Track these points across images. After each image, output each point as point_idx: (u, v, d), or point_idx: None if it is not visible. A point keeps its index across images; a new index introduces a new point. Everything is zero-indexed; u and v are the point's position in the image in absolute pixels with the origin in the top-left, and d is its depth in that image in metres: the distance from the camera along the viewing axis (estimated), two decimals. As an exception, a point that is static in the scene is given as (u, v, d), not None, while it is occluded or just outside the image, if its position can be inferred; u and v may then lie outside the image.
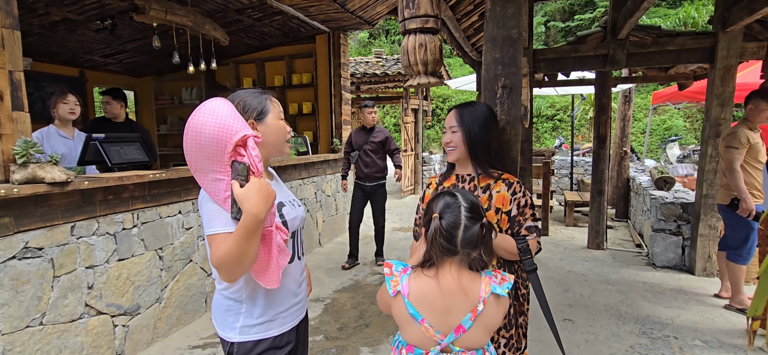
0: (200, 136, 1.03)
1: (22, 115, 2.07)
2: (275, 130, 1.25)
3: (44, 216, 2.16)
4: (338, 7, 4.68)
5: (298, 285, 1.34)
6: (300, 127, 6.29)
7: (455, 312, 1.11)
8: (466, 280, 1.11)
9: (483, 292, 1.10)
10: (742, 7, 3.47)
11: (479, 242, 1.10)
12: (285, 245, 1.19)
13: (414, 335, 1.13)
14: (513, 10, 1.62)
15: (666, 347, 2.76)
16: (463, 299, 1.10)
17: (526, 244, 1.38)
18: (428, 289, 1.11)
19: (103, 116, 3.69)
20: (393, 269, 1.17)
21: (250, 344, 1.23)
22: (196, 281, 3.22)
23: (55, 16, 4.24)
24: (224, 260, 1.05)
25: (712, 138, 3.94)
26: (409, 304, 1.11)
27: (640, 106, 15.02)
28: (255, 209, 1.02)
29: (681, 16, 13.02)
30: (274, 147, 1.27)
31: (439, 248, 1.09)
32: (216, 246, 1.08)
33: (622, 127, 7.10)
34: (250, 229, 1.03)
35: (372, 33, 22.39)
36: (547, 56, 4.47)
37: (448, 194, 1.15)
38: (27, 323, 2.10)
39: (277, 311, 1.27)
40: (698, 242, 4.03)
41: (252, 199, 1.02)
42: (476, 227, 1.09)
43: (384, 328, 3.09)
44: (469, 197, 1.15)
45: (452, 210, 1.10)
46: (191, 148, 1.05)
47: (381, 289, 1.21)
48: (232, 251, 1.04)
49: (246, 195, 1.02)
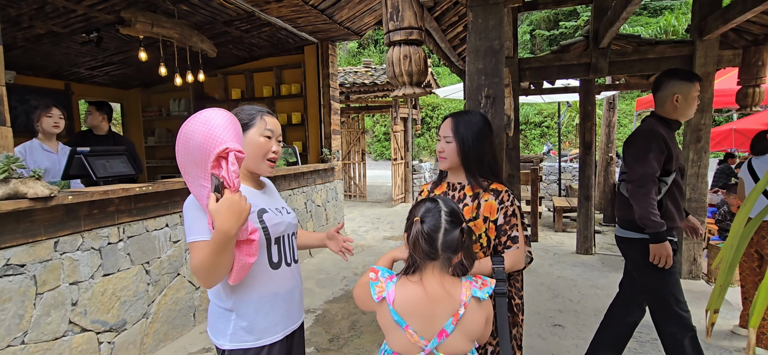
0: (189, 141, 1.06)
1: (4, 129, 2.04)
2: (252, 145, 1.29)
3: (27, 232, 2.12)
4: (326, 18, 4.72)
5: (289, 292, 1.34)
6: (289, 138, 6.29)
7: (439, 317, 1.13)
8: (448, 285, 1.14)
9: (464, 296, 1.13)
10: (717, 17, 3.59)
11: (459, 246, 1.13)
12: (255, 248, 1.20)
13: (398, 341, 1.15)
14: (495, 22, 1.65)
15: (654, 350, 2.80)
16: (446, 304, 1.12)
17: (501, 266, 1.39)
18: (413, 295, 1.13)
19: (87, 130, 3.65)
20: (379, 275, 1.19)
21: (240, 351, 1.25)
22: (185, 294, 3.18)
23: (40, 29, 4.20)
24: (198, 268, 1.10)
25: (694, 143, 4.04)
26: (394, 311, 1.13)
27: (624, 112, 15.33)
28: (225, 226, 1.05)
29: (662, 25, 13.38)
30: (253, 161, 1.30)
31: (421, 251, 1.12)
32: (194, 254, 1.12)
33: (607, 133, 7.23)
34: (219, 244, 1.06)
35: (361, 43, 22.55)
36: (532, 65, 4.56)
37: (429, 200, 1.20)
38: (8, 343, 2.04)
39: (267, 318, 1.27)
40: (683, 246, 4.10)
41: (222, 215, 1.04)
42: (456, 231, 1.12)
43: (376, 339, 3.08)
44: (450, 203, 1.19)
45: (433, 214, 1.14)
46: (180, 151, 1.09)
47: (361, 284, 1.22)
48: (206, 261, 1.08)
49: (217, 211, 1.05)
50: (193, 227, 1.16)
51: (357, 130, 9.82)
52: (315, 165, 5.43)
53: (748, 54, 4.05)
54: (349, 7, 4.62)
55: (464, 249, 1.15)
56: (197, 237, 1.14)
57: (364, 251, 5.53)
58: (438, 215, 1.13)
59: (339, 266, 4.83)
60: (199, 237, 1.14)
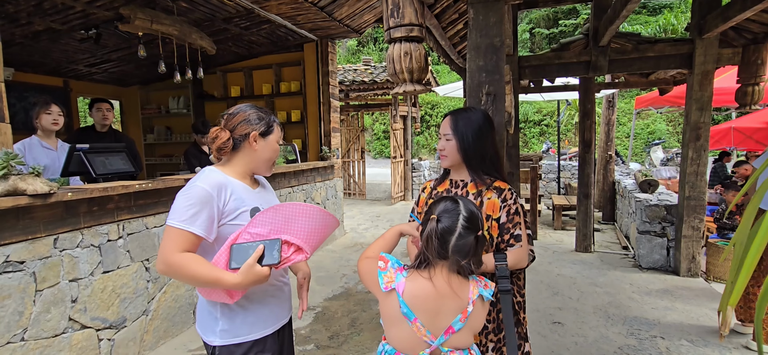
0: (311, 220, 1.21)
1: (2, 126, 2.03)
2: (272, 150, 1.36)
3: (26, 229, 2.12)
4: (326, 16, 4.71)
5: (278, 288, 1.36)
6: (289, 136, 6.28)
7: (444, 314, 1.13)
8: (455, 283, 1.14)
9: (471, 294, 1.14)
10: (716, 15, 3.60)
11: (471, 253, 1.11)
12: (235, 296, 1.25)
13: (403, 335, 1.14)
14: (495, 19, 1.65)
15: (653, 347, 2.81)
16: (453, 302, 1.13)
17: (504, 263, 1.38)
18: (423, 290, 1.12)
19: (87, 126, 3.64)
20: (388, 264, 1.17)
21: (232, 347, 1.26)
22: (184, 292, 3.18)
23: (38, 26, 4.19)
24: (172, 268, 1.13)
25: (693, 141, 4.05)
26: (404, 302, 1.12)
27: (623, 111, 15.34)
28: (242, 286, 1.14)
29: (661, 23, 13.37)
30: (265, 164, 1.36)
31: (433, 249, 1.12)
32: (172, 244, 1.14)
33: (606, 132, 7.24)
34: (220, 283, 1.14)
35: (360, 41, 22.51)
36: (531, 63, 4.56)
37: (450, 200, 1.17)
38: (8, 340, 2.04)
39: (256, 314, 1.30)
40: (682, 244, 4.11)
41: (250, 281, 1.13)
42: (470, 237, 1.10)
43: (375, 336, 3.08)
44: (471, 207, 1.15)
45: (450, 216, 1.12)
46: (303, 218, 1.21)
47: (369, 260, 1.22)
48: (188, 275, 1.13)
49: (252, 274, 1.12)
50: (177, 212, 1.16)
51: (356, 128, 9.81)
52: (314, 163, 5.43)
53: (747, 52, 4.05)
54: (348, 4, 4.61)
55: (475, 255, 1.13)
56: (182, 224, 1.15)
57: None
58: (456, 217, 1.11)
59: (339, 264, 4.83)
60: (184, 225, 1.15)
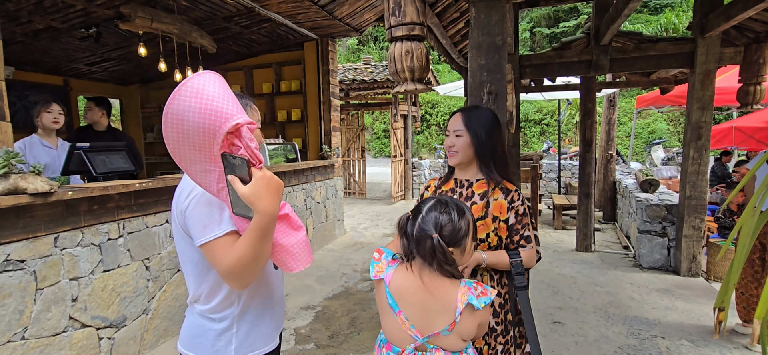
0: (182, 123, 0.85)
1: (3, 124, 2.03)
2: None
3: (26, 227, 2.12)
4: (326, 14, 4.70)
5: (280, 294, 1.28)
6: (289, 134, 6.28)
7: (430, 313, 1.11)
8: (437, 283, 1.11)
9: (459, 302, 1.09)
10: (718, 14, 3.59)
11: (430, 257, 1.09)
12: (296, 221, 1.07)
13: (391, 326, 1.15)
14: (497, 18, 1.65)
15: (654, 347, 2.81)
16: (438, 301, 1.10)
17: (519, 259, 1.39)
18: (406, 283, 1.13)
19: (87, 125, 3.64)
20: (382, 256, 1.21)
21: None
22: (185, 291, 3.18)
23: (39, 24, 4.18)
24: (237, 265, 0.93)
25: (694, 140, 4.04)
26: (390, 293, 1.14)
27: (624, 110, 15.32)
28: (270, 208, 0.90)
29: (662, 22, 13.33)
30: None
31: (404, 246, 1.15)
32: (222, 253, 0.96)
33: (607, 131, 7.23)
34: (266, 229, 0.92)
35: (361, 40, 22.49)
36: (532, 62, 4.55)
37: (430, 199, 1.17)
38: (8, 338, 2.04)
39: (269, 324, 1.19)
40: (683, 243, 4.11)
41: (264, 198, 0.89)
42: (427, 241, 1.09)
43: (375, 335, 3.08)
44: (444, 210, 1.11)
45: (418, 214, 1.14)
46: (172, 136, 0.88)
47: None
48: (246, 255, 0.92)
49: (256, 194, 0.89)
50: (209, 224, 0.98)
51: (356, 128, 9.80)
52: (314, 162, 5.43)
53: (749, 51, 4.04)
54: (349, 3, 4.60)
55: (437, 261, 1.08)
56: (219, 232, 0.98)
57: (363, 248, 5.53)
58: (418, 216, 1.13)
59: (338, 263, 4.83)
60: (222, 230, 0.98)
